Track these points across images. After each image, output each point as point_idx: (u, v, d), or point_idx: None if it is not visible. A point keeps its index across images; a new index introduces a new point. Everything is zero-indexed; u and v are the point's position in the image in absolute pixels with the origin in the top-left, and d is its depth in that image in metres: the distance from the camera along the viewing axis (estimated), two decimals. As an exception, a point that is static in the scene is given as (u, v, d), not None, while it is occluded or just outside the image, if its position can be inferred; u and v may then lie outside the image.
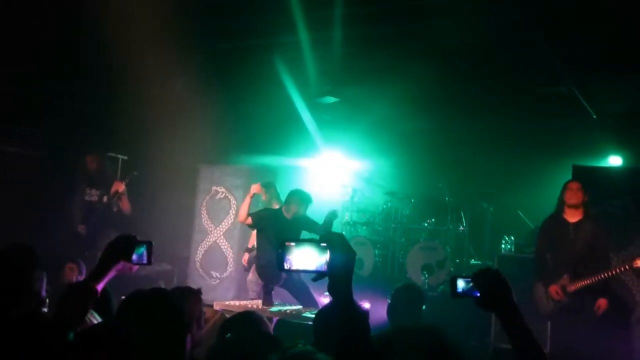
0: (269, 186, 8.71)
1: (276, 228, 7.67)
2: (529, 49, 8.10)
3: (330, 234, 2.19)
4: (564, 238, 6.44)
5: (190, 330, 3.39)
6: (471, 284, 2.44)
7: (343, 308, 2.12)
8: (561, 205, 6.55)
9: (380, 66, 9.25)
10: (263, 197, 8.66)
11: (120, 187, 8.72)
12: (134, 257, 2.83)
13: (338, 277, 2.12)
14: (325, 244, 2.15)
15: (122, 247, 2.82)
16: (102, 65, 8.47)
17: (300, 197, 7.80)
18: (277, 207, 8.26)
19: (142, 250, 2.85)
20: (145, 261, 2.85)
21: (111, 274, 2.78)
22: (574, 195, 6.43)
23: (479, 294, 2.40)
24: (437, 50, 8.54)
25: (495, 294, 2.37)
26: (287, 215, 7.75)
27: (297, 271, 2.18)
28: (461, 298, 2.47)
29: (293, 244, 2.19)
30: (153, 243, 2.86)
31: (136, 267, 2.87)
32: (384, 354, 2.14)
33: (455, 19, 7.61)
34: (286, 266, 2.17)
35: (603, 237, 6.41)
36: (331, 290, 2.12)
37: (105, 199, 8.83)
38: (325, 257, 2.15)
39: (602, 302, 6.12)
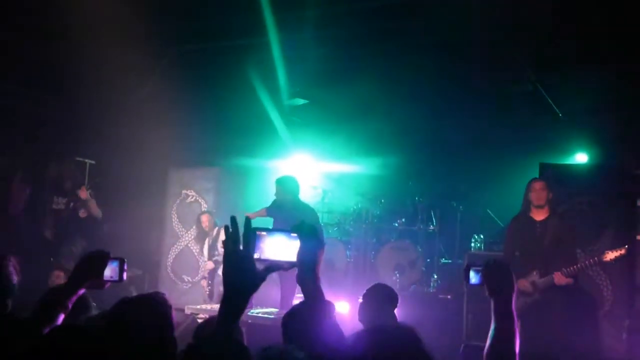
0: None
1: (280, 215, 7.97)
2: (495, 48, 8.18)
3: (302, 223, 2.17)
4: (532, 236, 6.53)
5: None
6: (479, 274, 2.62)
7: (311, 297, 2.11)
8: (527, 204, 6.64)
9: (348, 67, 9.27)
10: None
11: (84, 194, 8.67)
12: (106, 273, 2.82)
13: (307, 267, 2.11)
14: (295, 234, 2.15)
15: (94, 265, 2.80)
16: (67, 69, 8.37)
17: (283, 184, 8.07)
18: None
19: (114, 266, 2.84)
20: (116, 278, 2.84)
21: (81, 291, 2.78)
22: (539, 196, 6.52)
23: (485, 281, 2.57)
24: (404, 51, 8.59)
25: (498, 282, 2.53)
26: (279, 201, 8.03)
27: (267, 261, 2.14)
28: (473, 286, 2.66)
29: (264, 233, 2.16)
30: (125, 259, 2.86)
31: (108, 284, 2.86)
32: (354, 353, 2.14)
33: (422, 19, 7.66)
34: (257, 255, 2.12)
35: (569, 233, 6.52)
36: (300, 280, 2.12)
37: (72, 205, 8.76)
38: (296, 247, 2.14)
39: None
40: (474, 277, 2.66)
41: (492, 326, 2.50)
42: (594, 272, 7.43)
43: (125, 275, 2.85)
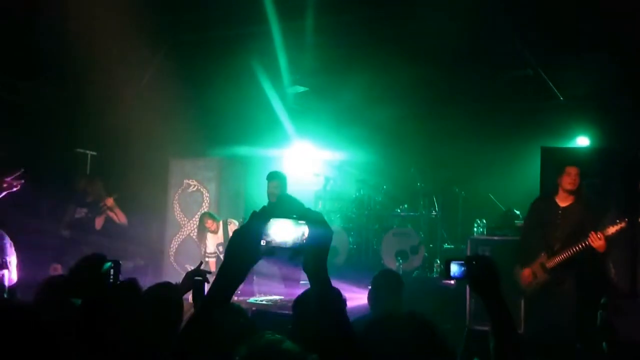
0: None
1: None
2: (495, 33, 8.16)
3: (309, 210, 2.15)
4: (552, 221, 6.46)
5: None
6: (463, 268, 2.54)
7: (319, 286, 2.09)
8: (555, 188, 6.54)
9: (349, 54, 9.25)
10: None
11: (109, 201, 8.73)
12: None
13: (314, 255, 2.09)
14: (303, 221, 2.11)
15: (90, 268, 2.86)
16: (66, 60, 8.34)
17: (282, 179, 7.91)
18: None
19: (109, 269, 2.90)
20: (111, 279, 2.90)
21: None
22: (573, 181, 6.40)
23: (468, 278, 2.52)
24: (405, 38, 8.57)
25: (484, 279, 2.49)
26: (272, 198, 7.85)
27: (274, 248, 2.12)
28: (454, 280, 2.60)
29: (270, 219, 2.13)
30: (120, 262, 2.92)
31: None
32: (367, 341, 2.15)
33: (423, 6, 7.64)
34: (263, 242, 2.10)
35: (589, 222, 6.36)
36: (306, 268, 2.09)
37: (91, 215, 8.86)
38: (302, 234, 2.11)
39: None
40: (456, 270, 2.58)
41: (491, 323, 2.47)
42: (605, 258, 7.40)
43: (119, 277, 2.92)
